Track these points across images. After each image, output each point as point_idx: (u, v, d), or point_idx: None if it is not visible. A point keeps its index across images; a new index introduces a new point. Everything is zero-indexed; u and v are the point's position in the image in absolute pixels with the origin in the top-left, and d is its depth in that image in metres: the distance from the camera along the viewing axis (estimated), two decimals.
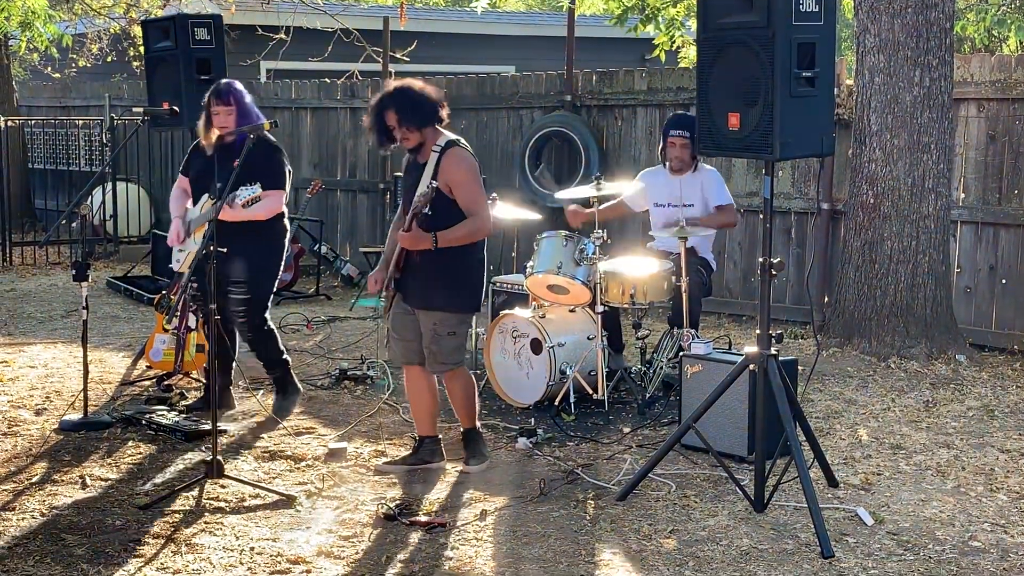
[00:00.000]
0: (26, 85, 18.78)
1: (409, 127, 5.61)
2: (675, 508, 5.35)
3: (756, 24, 5.03)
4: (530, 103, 11.17)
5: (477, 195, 5.65)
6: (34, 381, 7.65)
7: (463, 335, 5.81)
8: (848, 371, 7.82)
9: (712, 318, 9.62)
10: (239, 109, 6.64)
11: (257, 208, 6.45)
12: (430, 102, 5.64)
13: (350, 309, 8.36)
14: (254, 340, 6.90)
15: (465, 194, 5.61)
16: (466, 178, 5.62)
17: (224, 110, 6.63)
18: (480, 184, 5.70)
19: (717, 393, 5.52)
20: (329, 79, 13.18)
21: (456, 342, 5.75)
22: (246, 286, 6.71)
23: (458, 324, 5.74)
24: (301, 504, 5.42)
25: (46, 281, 12.16)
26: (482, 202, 5.67)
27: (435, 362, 5.76)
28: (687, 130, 7.38)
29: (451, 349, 5.74)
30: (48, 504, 5.39)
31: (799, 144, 5.11)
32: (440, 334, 5.69)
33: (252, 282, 6.73)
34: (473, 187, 5.64)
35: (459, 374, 5.86)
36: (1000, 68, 8.45)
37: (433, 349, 5.72)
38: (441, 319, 5.67)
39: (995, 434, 6.50)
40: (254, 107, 6.77)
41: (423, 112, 5.62)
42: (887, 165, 8.19)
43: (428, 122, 5.65)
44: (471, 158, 5.70)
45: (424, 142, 5.68)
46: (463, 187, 5.61)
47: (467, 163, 5.66)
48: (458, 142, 5.72)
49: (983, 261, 8.64)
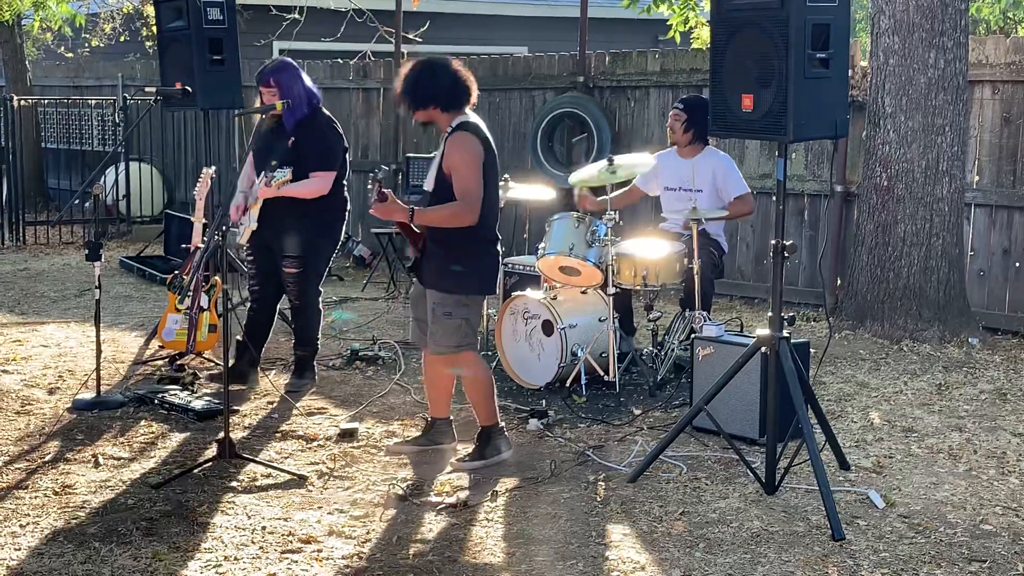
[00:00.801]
0: (39, 65, 18.79)
1: (408, 104, 5.62)
2: (686, 490, 5.35)
3: (770, 5, 4.99)
4: (543, 84, 11.14)
5: (468, 182, 5.50)
6: (47, 360, 7.68)
7: (461, 318, 5.62)
8: (860, 354, 7.80)
9: (724, 300, 9.60)
10: (281, 89, 6.74)
11: (300, 187, 6.68)
12: (438, 82, 5.58)
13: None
14: (300, 309, 7.02)
15: (457, 179, 5.50)
16: (461, 163, 5.51)
17: (267, 92, 6.78)
18: (476, 171, 5.51)
19: (729, 375, 5.51)
20: (342, 59, 13.16)
21: (452, 324, 5.60)
22: (296, 261, 6.87)
23: (455, 305, 5.59)
24: (313, 484, 5.43)
25: (59, 261, 12.19)
26: (471, 190, 5.49)
27: (432, 342, 5.68)
28: (684, 105, 7.51)
29: (447, 331, 5.60)
30: (61, 483, 5.41)
31: (813, 126, 5.09)
32: (437, 314, 5.60)
33: (303, 258, 6.89)
34: (466, 173, 5.50)
35: (466, 361, 5.70)
36: (1015, 50, 8.39)
37: (432, 329, 5.65)
38: (439, 299, 5.60)
39: (1007, 418, 6.48)
40: (300, 87, 6.83)
41: (423, 92, 5.58)
42: (901, 147, 8.16)
43: (429, 103, 5.59)
44: (474, 143, 5.55)
45: (433, 121, 5.66)
46: (456, 171, 5.51)
47: (467, 148, 5.54)
48: (467, 125, 5.61)
49: (997, 244, 8.61)
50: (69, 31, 15.40)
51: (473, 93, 5.70)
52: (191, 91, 7.95)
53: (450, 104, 5.62)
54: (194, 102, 8.10)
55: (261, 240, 6.88)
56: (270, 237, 6.85)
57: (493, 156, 5.65)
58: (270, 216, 6.77)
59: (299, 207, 6.75)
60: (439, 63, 5.67)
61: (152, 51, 17.27)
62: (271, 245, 6.90)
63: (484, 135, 5.65)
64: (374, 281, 10.66)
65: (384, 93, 12.45)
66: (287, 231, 6.81)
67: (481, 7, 19.10)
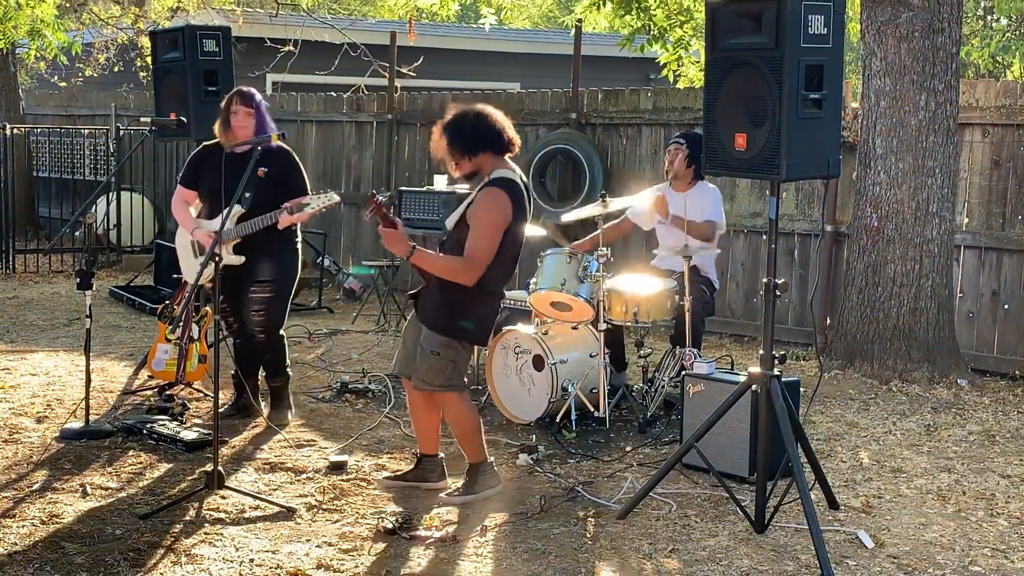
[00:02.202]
0: (32, 93, 18.83)
1: (457, 154, 5.54)
2: (676, 527, 5.34)
3: (765, 45, 5.04)
4: (535, 120, 11.19)
5: (480, 246, 5.39)
6: (36, 389, 7.65)
7: (449, 360, 5.56)
8: (850, 393, 7.82)
9: (714, 338, 9.62)
10: (258, 116, 6.75)
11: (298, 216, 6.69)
12: (484, 129, 5.53)
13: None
14: (267, 342, 6.94)
15: (472, 237, 5.42)
16: (482, 224, 5.42)
17: (244, 111, 6.74)
18: (494, 237, 5.40)
19: (720, 413, 5.52)
20: (335, 93, 13.21)
21: (438, 364, 5.54)
22: (269, 285, 6.82)
23: (442, 346, 5.53)
24: (301, 516, 5.42)
25: (48, 289, 12.17)
26: (479, 253, 5.39)
27: (416, 377, 5.65)
28: (686, 140, 7.53)
29: (431, 369, 5.56)
30: (48, 512, 5.39)
31: (805, 165, 5.12)
32: (424, 349, 5.57)
33: (276, 282, 6.85)
34: (482, 236, 5.40)
35: (449, 401, 5.66)
36: (1006, 94, 8.47)
37: (417, 363, 5.63)
38: (430, 336, 5.56)
39: (996, 459, 6.49)
40: (270, 119, 6.86)
41: (472, 140, 5.51)
42: (891, 188, 8.21)
43: (477, 150, 5.51)
44: (505, 206, 5.42)
45: (480, 170, 5.55)
46: (474, 229, 5.43)
47: (496, 210, 5.42)
48: (504, 182, 5.49)
49: (986, 286, 8.65)
50: (64, 60, 15.44)
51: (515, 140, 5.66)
52: (185, 122, 7.97)
53: (492, 148, 5.54)
54: (188, 133, 8.12)
55: (230, 271, 6.65)
56: (241, 267, 6.75)
57: (523, 213, 5.53)
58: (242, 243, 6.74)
59: (271, 233, 6.69)
60: (474, 109, 5.60)
61: (146, 81, 17.34)
62: (240, 275, 6.80)
63: (519, 191, 5.52)
64: (364, 314, 10.65)
65: (377, 126, 12.50)
66: (260, 256, 6.73)
67: (475, 43, 19.22)
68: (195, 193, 7.01)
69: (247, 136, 6.70)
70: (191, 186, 7.00)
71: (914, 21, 8.04)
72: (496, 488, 5.73)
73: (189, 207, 7.03)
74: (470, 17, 26.54)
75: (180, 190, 7.05)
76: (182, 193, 7.04)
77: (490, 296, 5.62)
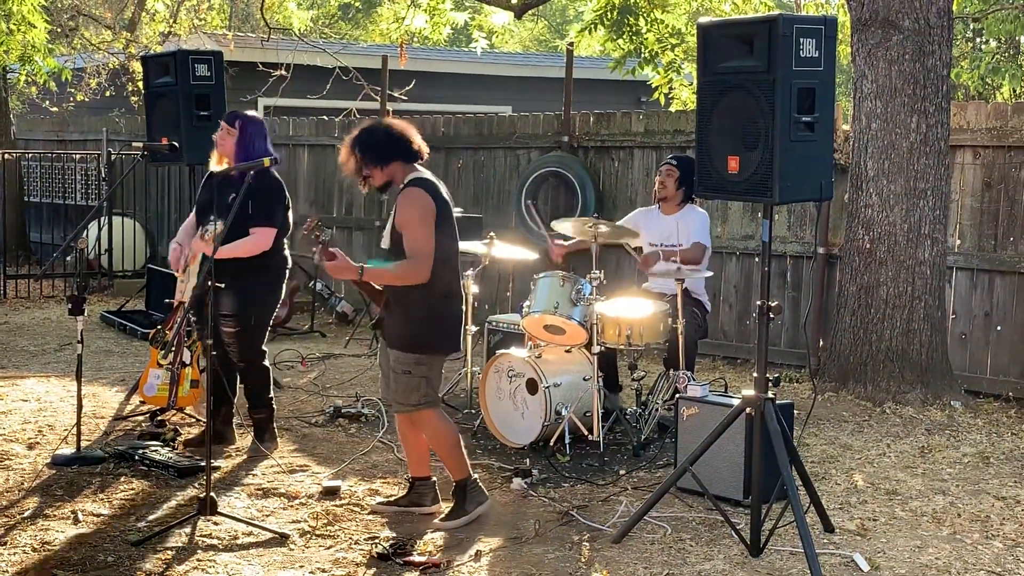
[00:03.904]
0: (23, 118, 18.83)
1: (369, 165, 5.55)
2: (670, 551, 5.32)
3: (757, 69, 5.06)
4: (527, 143, 11.21)
5: (417, 240, 5.41)
6: (27, 415, 7.62)
7: (421, 377, 5.55)
8: (843, 416, 7.81)
9: (707, 360, 9.62)
10: (240, 137, 6.73)
11: (237, 245, 6.51)
12: (393, 140, 5.55)
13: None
14: (245, 371, 6.88)
15: (407, 237, 5.44)
16: (411, 220, 5.44)
17: (226, 128, 6.76)
18: (426, 228, 5.43)
19: (714, 436, 5.51)
20: (327, 116, 13.22)
21: (411, 383, 5.54)
22: (234, 319, 6.70)
23: (414, 364, 5.52)
24: (294, 542, 5.39)
25: (40, 314, 12.13)
26: (421, 248, 5.41)
27: (393, 400, 5.65)
28: (677, 162, 7.57)
29: (405, 389, 5.55)
30: (40, 539, 5.35)
31: (798, 188, 5.13)
32: (396, 371, 5.56)
33: (241, 315, 6.71)
34: (416, 231, 5.43)
35: (424, 420, 5.65)
36: (996, 116, 8.49)
37: (392, 387, 5.61)
38: (398, 357, 5.55)
39: (990, 481, 6.48)
40: (261, 143, 6.80)
41: (381, 150, 5.52)
42: (883, 210, 8.22)
43: (390, 159, 5.53)
44: (424, 199, 5.47)
45: (392, 180, 5.58)
46: (406, 229, 5.44)
47: (418, 204, 5.46)
48: (418, 181, 5.54)
49: (978, 307, 8.65)
50: (54, 86, 15.44)
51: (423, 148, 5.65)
52: (178, 146, 7.96)
53: (404, 157, 5.56)
54: (180, 157, 8.11)
55: (200, 298, 6.51)
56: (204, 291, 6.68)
57: (447, 208, 5.57)
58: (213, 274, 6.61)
59: (236, 264, 6.52)
60: (369, 125, 5.64)
61: (137, 106, 17.34)
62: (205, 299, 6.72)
63: (435, 188, 5.56)
64: (357, 338, 10.63)
65: None
66: (225, 290, 6.26)
67: (466, 66, 19.26)
68: None
69: (225, 153, 6.74)
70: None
71: (905, 44, 8.07)
72: (486, 504, 5.72)
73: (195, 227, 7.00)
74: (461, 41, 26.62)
75: (192, 215, 7.05)
76: (191, 217, 7.03)
77: (447, 300, 5.60)
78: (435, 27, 12.27)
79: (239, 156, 6.68)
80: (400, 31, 12.76)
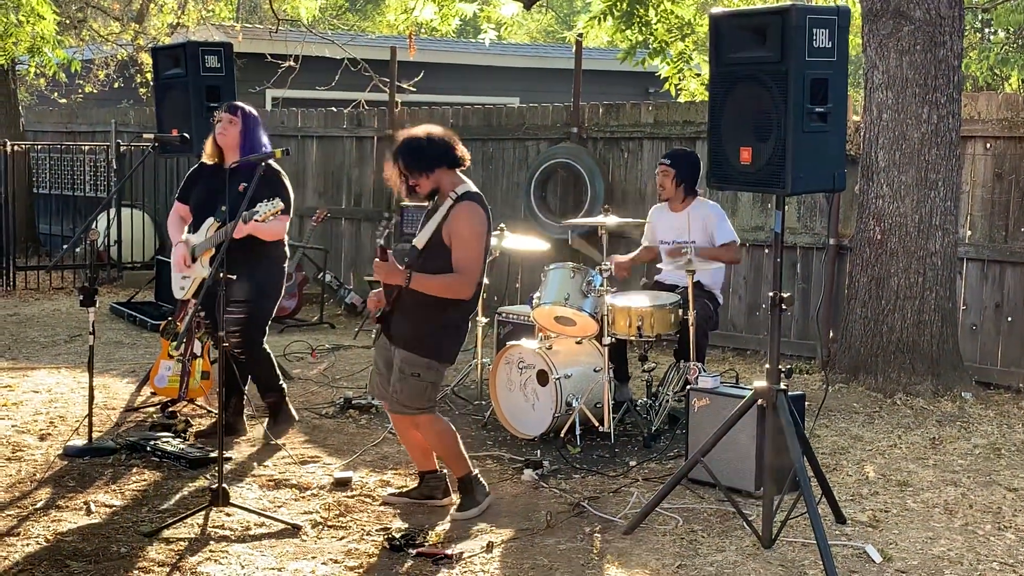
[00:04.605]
0: (32, 110, 18.84)
1: (414, 174, 5.52)
2: (682, 543, 5.32)
3: (770, 59, 5.04)
4: (536, 134, 11.20)
5: (470, 255, 5.45)
6: (38, 406, 7.63)
7: (429, 382, 5.58)
8: (854, 407, 7.80)
9: (716, 352, 9.60)
10: (244, 127, 6.75)
11: (263, 227, 6.53)
12: (438, 147, 5.53)
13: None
14: (248, 360, 6.90)
15: (460, 251, 5.45)
16: (469, 236, 5.45)
17: (228, 118, 6.76)
18: (479, 245, 5.47)
19: (727, 427, 5.50)
20: (335, 108, 13.22)
21: (418, 386, 5.54)
22: (243, 306, 6.73)
23: (424, 368, 5.54)
24: (307, 533, 5.39)
25: (49, 306, 12.15)
26: (472, 266, 5.45)
27: (395, 401, 5.63)
28: (670, 159, 7.55)
29: (413, 393, 5.56)
30: (53, 530, 5.36)
31: (811, 179, 5.12)
32: (405, 374, 5.55)
33: (249, 303, 6.75)
34: (469, 248, 5.45)
35: (427, 423, 5.66)
36: (1007, 106, 8.47)
37: (397, 387, 5.59)
38: (410, 359, 5.54)
39: (1002, 472, 6.47)
40: (263, 136, 6.83)
41: (424, 157, 5.50)
42: (894, 201, 8.20)
43: (435, 166, 5.51)
44: (482, 219, 5.49)
45: (439, 187, 5.56)
46: (459, 243, 5.45)
47: (477, 222, 5.47)
48: (475, 195, 5.54)
49: (989, 299, 8.63)
50: (63, 77, 15.45)
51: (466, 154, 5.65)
52: (188, 138, 7.95)
53: (449, 163, 5.55)
54: (191, 149, 8.09)
55: (210, 289, 6.52)
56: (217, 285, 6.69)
57: (490, 223, 5.62)
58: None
59: (248, 252, 6.58)
60: (411, 134, 5.59)
61: (145, 98, 17.35)
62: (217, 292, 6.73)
63: (486, 204, 5.60)
64: (366, 329, 10.59)
65: (378, 142, 12.49)
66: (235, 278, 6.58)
67: (474, 58, 19.25)
68: (188, 208, 6.99)
69: (227, 143, 6.76)
70: (185, 201, 7.00)
71: (916, 34, 8.04)
72: (490, 496, 5.79)
73: (184, 222, 7.00)
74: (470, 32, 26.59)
75: (176, 205, 7.05)
76: (177, 208, 7.03)
77: (466, 311, 5.65)
78: (444, 18, 12.24)
79: (243, 146, 6.71)
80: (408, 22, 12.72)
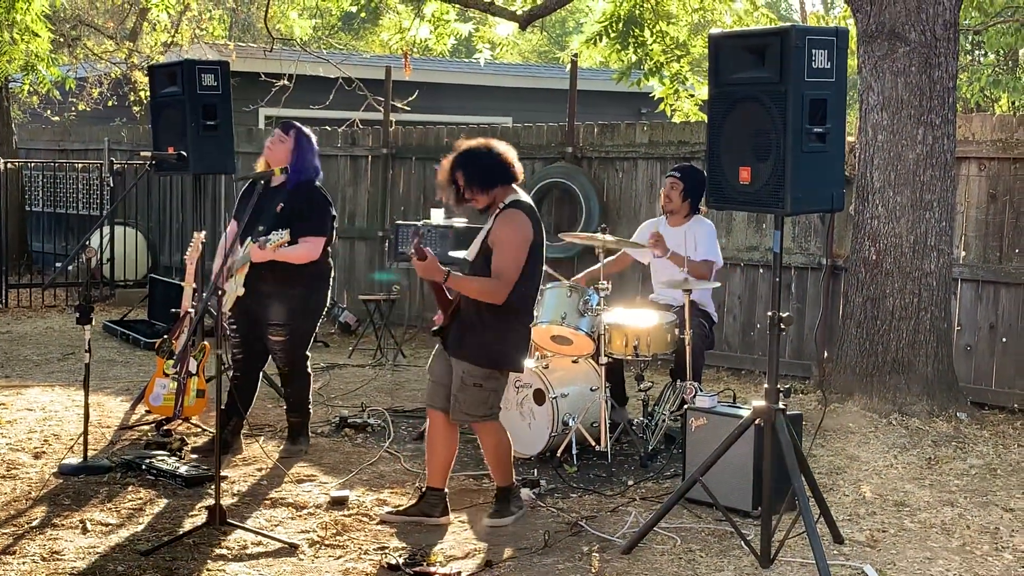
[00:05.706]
0: (25, 128, 18.83)
1: (474, 190, 5.59)
2: (680, 562, 5.31)
3: (768, 80, 5.06)
4: (531, 154, 11.21)
5: (507, 262, 5.51)
6: (32, 424, 7.60)
7: (491, 390, 5.69)
8: (850, 427, 7.80)
9: (711, 371, 9.60)
10: (296, 146, 6.86)
11: (291, 251, 6.65)
12: (499, 164, 5.60)
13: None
14: (290, 375, 7.02)
15: (498, 256, 5.53)
16: (507, 242, 5.53)
17: (279, 135, 6.89)
18: (519, 253, 5.53)
19: (725, 446, 5.50)
20: (330, 127, 13.23)
21: (480, 395, 5.65)
22: (283, 329, 6.86)
23: (485, 378, 5.64)
24: (304, 552, 5.37)
25: (42, 324, 12.11)
26: (508, 272, 5.51)
27: (457, 411, 5.71)
28: (680, 172, 7.57)
29: (474, 401, 5.66)
30: (49, 548, 5.34)
31: (810, 199, 5.13)
32: (467, 383, 5.64)
33: (288, 325, 6.88)
34: (508, 253, 5.52)
35: (490, 429, 5.78)
36: (1001, 127, 8.51)
37: (459, 397, 5.67)
38: (470, 370, 5.63)
39: (998, 493, 6.48)
40: (315, 159, 6.97)
41: (490, 174, 5.59)
42: (889, 222, 8.22)
43: (495, 183, 5.60)
44: (526, 224, 5.56)
45: (493, 202, 5.64)
46: (500, 248, 5.53)
47: (518, 228, 5.54)
48: (521, 204, 5.62)
49: (983, 319, 8.66)
50: (57, 95, 15.45)
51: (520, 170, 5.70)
52: (185, 156, 7.95)
53: (507, 180, 5.62)
54: (187, 167, 8.10)
55: (244, 307, 6.78)
56: (254, 305, 6.79)
57: (541, 231, 5.67)
58: (254, 283, 6.68)
59: (284, 274, 6.71)
60: (477, 148, 5.65)
61: (139, 116, 17.35)
62: (255, 313, 6.86)
63: (534, 212, 5.66)
64: (360, 348, 10.62)
65: (372, 160, 12.51)
66: (272, 299, 6.78)
67: (468, 77, 19.28)
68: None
69: (274, 160, 6.84)
70: (237, 219, 7.05)
71: (911, 56, 8.07)
72: (524, 508, 5.92)
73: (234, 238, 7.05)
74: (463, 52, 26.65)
75: (231, 224, 7.09)
76: (232, 226, 7.06)
77: (523, 318, 5.73)
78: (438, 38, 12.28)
79: (291, 165, 6.82)
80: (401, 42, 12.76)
